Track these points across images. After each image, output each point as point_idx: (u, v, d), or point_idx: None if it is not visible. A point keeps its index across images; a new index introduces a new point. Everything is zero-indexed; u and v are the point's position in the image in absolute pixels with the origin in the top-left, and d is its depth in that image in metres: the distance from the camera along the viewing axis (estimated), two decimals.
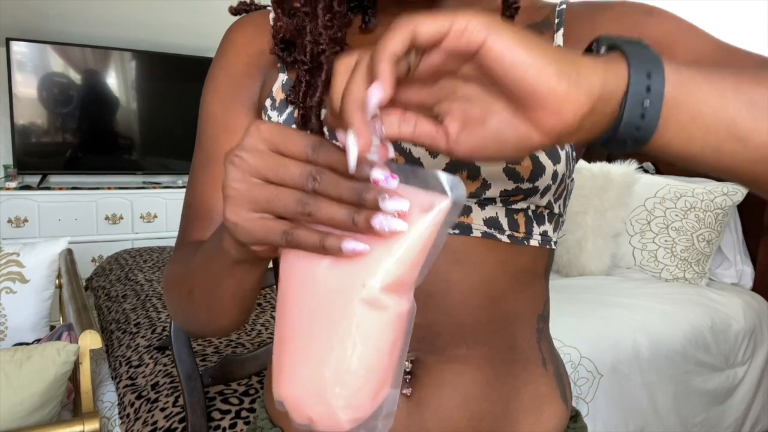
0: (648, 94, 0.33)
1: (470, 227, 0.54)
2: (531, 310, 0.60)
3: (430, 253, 0.36)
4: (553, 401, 0.60)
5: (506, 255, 0.55)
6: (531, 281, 0.59)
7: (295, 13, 0.57)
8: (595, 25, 0.56)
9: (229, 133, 0.63)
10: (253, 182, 0.36)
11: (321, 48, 0.56)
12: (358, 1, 0.63)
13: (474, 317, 0.55)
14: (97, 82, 3.52)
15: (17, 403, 1.19)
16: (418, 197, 0.35)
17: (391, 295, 0.35)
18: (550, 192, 0.56)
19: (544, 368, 0.60)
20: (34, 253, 1.91)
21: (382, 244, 0.35)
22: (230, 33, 0.65)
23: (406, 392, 0.54)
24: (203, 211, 0.62)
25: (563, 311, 1.74)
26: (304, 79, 0.56)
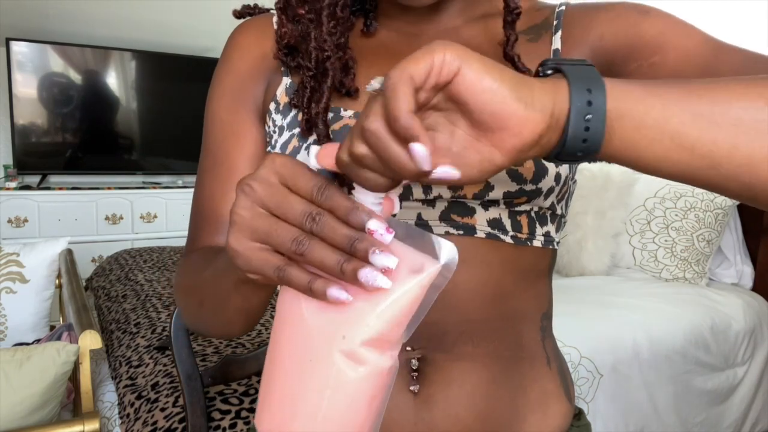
0: (590, 108, 0.35)
1: (474, 228, 0.55)
2: (536, 309, 0.60)
3: (416, 313, 0.36)
4: (558, 399, 0.61)
5: (510, 255, 0.56)
6: (535, 280, 0.59)
7: (300, 20, 0.58)
8: (591, 25, 0.57)
9: (235, 137, 0.63)
10: (258, 212, 0.37)
11: (326, 54, 0.56)
12: (360, 5, 0.63)
13: (480, 315, 0.56)
14: (97, 82, 3.52)
15: (17, 403, 1.19)
16: (410, 256, 0.36)
17: (371, 350, 0.35)
18: (553, 194, 0.56)
19: (548, 366, 0.61)
20: (34, 253, 1.92)
21: (368, 297, 0.35)
22: (234, 37, 0.66)
23: (413, 389, 0.55)
24: (211, 215, 0.63)
25: (563, 311, 1.74)
26: (308, 84, 0.57)
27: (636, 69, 0.53)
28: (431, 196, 0.54)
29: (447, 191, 0.54)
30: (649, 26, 0.54)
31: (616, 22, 0.56)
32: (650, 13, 0.55)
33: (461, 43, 0.60)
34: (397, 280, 0.35)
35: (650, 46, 0.53)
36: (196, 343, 1.53)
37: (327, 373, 0.36)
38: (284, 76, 0.62)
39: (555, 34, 0.59)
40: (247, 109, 0.63)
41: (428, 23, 0.61)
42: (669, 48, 0.52)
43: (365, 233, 0.35)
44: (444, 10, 0.61)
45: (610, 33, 0.56)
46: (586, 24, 0.58)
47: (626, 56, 0.54)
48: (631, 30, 0.54)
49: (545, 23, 0.60)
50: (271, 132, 0.62)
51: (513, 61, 0.56)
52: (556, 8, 0.61)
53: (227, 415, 1.22)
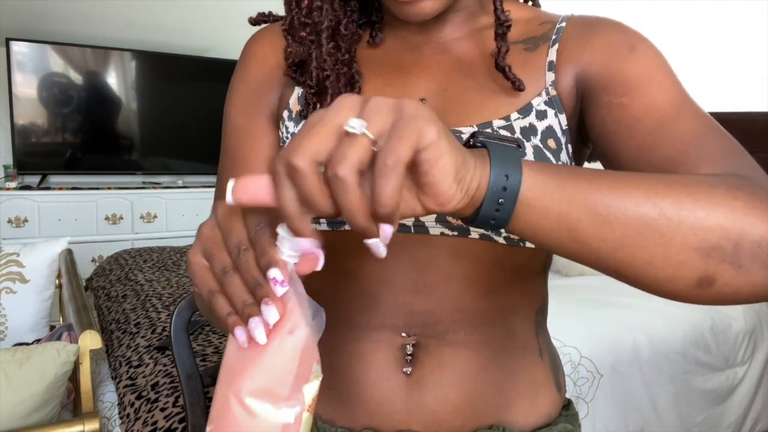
0: (504, 194, 0.39)
1: (468, 230, 0.57)
2: (529, 304, 0.63)
3: (298, 371, 0.37)
4: (548, 388, 0.63)
5: (503, 254, 0.58)
6: (529, 277, 0.62)
7: (302, 41, 0.62)
8: (584, 47, 0.59)
9: (251, 141, 0.67)
10: (215, 232, 0.39)
11: (325, 74, 0.60)
12: (367, 18, 0.67)
13: (473, 306, 0.58)
14: (97, 82, 3.52)
15: (17, 403, 1.19)
16: (294, 315, 0.37)
17: (261, 402, 0.36)
18: None
19: (540, 357, 0.64)
20: (34, 253, 1.92)
21: (257, 347, 0.36)
22: (249, 47, 0.69)
23: (406, 371, 0.58)
24: None
25: (563, 311, 1.74)
26: (311, 101, 0.61)
27: (606, 103, 0.55)
28: None
29: None
30: (631, 65, 0.55)
31: (606, 52, 0.57)
32: (637, 50, 0.56)
33: (472, 49, 0.63)
34: (277, 337, 0.36)
35: (624, 86, 0.55)
36: (196, 343, 1.53)
37: (230, 415, 0.36)
38: (296, 86, 0.65)
39: (552, 47, 0.61)
40: (263, 114, 0.67)
41: (431, 33, 0.65)
42: (638, 93, 0.54)
43: (267, 281, 0.37)
44: (446, 22, 0.64)
45: (598, 61, 0.58)
46: (580, 44, 0.59)
47: (604, 88, 0.56)
48: (614, 65, 0.56)
49: (544, 36, 0.63)
50: (284, 138, 0.65)
51: (504, 71, 0.59)
52: (557, 23, 0.63)
53: None
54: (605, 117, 0.55)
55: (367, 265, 0.59)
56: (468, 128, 0.58)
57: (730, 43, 2.49)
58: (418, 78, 0.63)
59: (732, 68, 2.50)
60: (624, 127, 0.53)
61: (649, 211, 0.40)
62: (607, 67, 0.56)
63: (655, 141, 0.51)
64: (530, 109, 0.59)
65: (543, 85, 0.60)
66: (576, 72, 0.59)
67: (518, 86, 0.58)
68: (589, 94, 0.58)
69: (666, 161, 0.50)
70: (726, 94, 2.52)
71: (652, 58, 0.56)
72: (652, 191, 0.40)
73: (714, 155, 0.48)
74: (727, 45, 2.50)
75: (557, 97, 0.59)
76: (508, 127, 0.58)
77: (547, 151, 0.58)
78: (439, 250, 0.57)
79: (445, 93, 0.61)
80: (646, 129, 0.52)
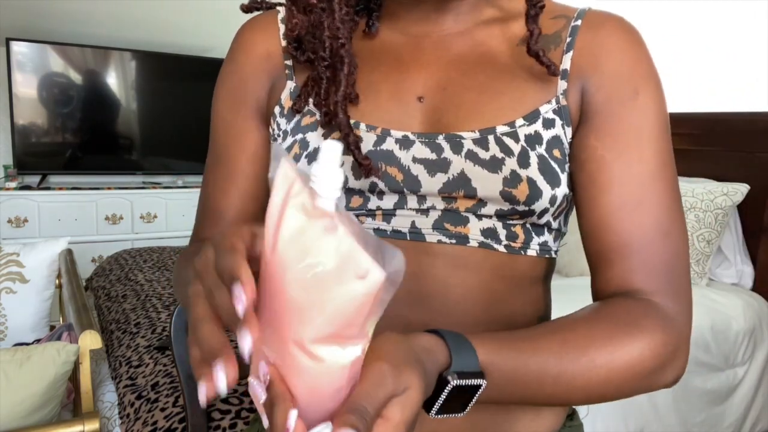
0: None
1: (467, 237, 0.55)
2: (531, 314, 0.60)
3: (371, 311, 0.35)
4: None
5: (503, 263, 0.56)
6: (530, 286, 0.59)
7: (312, 10, 0.57)
8: (597, 67, 0.57)
9: (236, 137, 0.65)
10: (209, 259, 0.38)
11: (340, 42, 0.56)
12: (364, 5, 0.63)
13: (473, 318, 0.55)
14: (97, 82, 3.51)
15: (17, 403, 1.19)
16: (363, 257, 0.34)
17: (327, 346, 0.35)
18: (548, 213, 0.56)
19: None
20: (34, 253, 1.91)
21: (314, 299, 0.34)
22: (238, 36, 0.66)
23: None
24: (212, 209, 0.66)
25: (564, 311, 1.73)
26: (324, 75, 0.57)
27: (591, 147, 0.56)
28: (425, 206, 0.55)
29: (441, 202, 0.55)
30: (627, 115, 0.56)
31: (613, 85, 0.56)
32: (639, 97, 0.56)
33: (476, 45, 0.61)
34: (343, 281, 0.34)
35: (612, 138, 0.56)
36: None
37: (292, 363, 0.35)
38: (288, 80, 0.62)
39: (566, 53, 0.58)
40: (250, 108, 0.64)
41: (433, 25, 0.61)
42: (619, 157, 0.55)
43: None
44: (450, 11, 0.60)
45: (604, 92, 0.56)
46: (593, 61, 0.57)
47: (597, 127, 0.56)
48: (615, 106, 0.56)
49: (556, 37, 0.59)
50: (275, 135, 0.62)
51: (537, 55, 0.55)
52: (572, 21, 0.59)
53: (227, 415, 1.22)
54: (585, 162, 0.57)
55: None
56: (469, 133, 0.55)
57: (730, 43, 2.49)
58: (417, 75, 0.59)
59: (731, 68, 2.50)
60: (595, 188, 0.56)
61: (589, 390, 0.51)
62: (607, 105, 0.56)
63: (610, 224, 0.55)
64: (537, 116, 0.56)
65: (554, 92, 0.57)
66: (584, 88, 0.57)
67: (553, 71, 0.55)
68: (583, 121, 0.57)
69: (610, 249, 0.55)
70: (725, 94, 2.52)
71: (649, 113, 0.56)
72: (594, 375, 0.50)
73: (652, 270, 0.54)
74: (727, 45, 2.50)
75: (567, 108, 0.57)
76: (512, 134, 0.55)
77: (552, 161, 0.56)
78: (436, 259, 0.55)
79: (444, 92, 0.58)
80: (610, 205, 0.55)
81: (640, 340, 0.50)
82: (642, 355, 0.50)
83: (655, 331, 0.51)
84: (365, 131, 0.57)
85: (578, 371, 0.49)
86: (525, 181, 0.53)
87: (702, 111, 2.46)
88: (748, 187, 2.22)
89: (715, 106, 2.49)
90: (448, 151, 0.55)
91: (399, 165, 0.55)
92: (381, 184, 0.55)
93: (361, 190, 0.56)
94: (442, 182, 0.54)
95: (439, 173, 0.54)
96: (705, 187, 2.26)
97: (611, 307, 0.53)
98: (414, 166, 0.55)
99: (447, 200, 0.55)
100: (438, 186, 0.54)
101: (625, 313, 0.52)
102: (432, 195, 0.55)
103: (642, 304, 0.53)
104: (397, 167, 0.55)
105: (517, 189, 0.53)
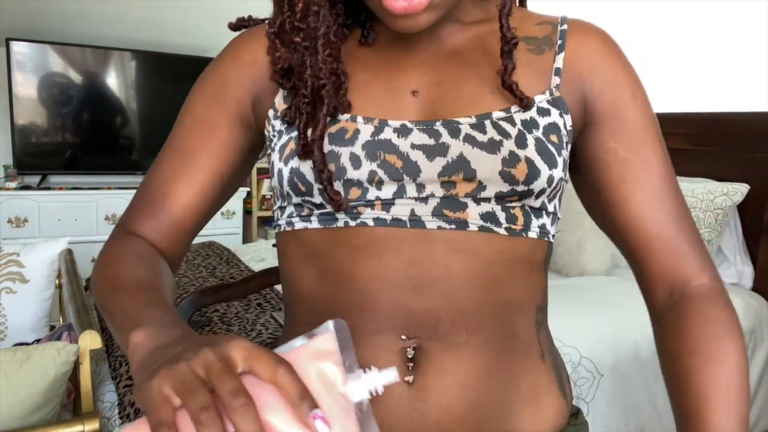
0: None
1: (466, 222, 0.56)
2: (530, 300, 0.61)
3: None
4: (551, 394, 0.61)
5: (503, 245, 0.57)
6: (530, 271, 0.60)
7: (295, 47, 0.59)
8: (595, 72, 0.62)
9: (203, 130, 0.65)
10: (199, 371, 0.37)
11: (321, 83, 0.57)
12: (354, 18, 0.64)
13: (474, 303, 0.56)
14: (97, 82, 3.51)
15: (17, 403, 1.18)
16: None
17: None
18: (544, 194, 0.58)
19: (542, 360, 0.62)
20: (34, 253, 1.91)
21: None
22: (226, 47, 0.68)
23: (408, 380, 0.56)
24: (157, 197, 0.64)
25: (563, 311, 1.74)
26: (305, 111, 0.58)
27: (612, 150, 0.62)
28: (424, 194, 0.56)
29: (440, 189, 0.56)
30: (634, 116, 0.62)
31: (613, 89, 0.62)
32: (637, 98, 0.62)
33: (468, 42, 0.63)
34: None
35: (629, 140, 0.62)
36: None
37: None
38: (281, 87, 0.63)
39: (559, 54, 0.62)
40: (226, 108, 0.64)
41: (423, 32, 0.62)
42: (640, 154, 0.62)
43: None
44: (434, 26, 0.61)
45: (608, 97, 0.62)
46: (589, 66, 0.62)
47: (610, 131, 0.62)
48: (620, 109, 0.62)
49: (547, 39, 0.63)
50: (270, 136, 0.63)
51: (511, 89, 0.58)
52: (558, 26, 0.63)
53: None
54: (610, 163, 0.62)
55: (362, 263, 0.56)
56: (466, 119, 0.57)
57: (730, 43, 2.49)
58: (410, 71, 0.61)
59: (731, 68, 2.50)
60: (626, 186, 0.61)
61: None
62: (613, 107, 0.61)
63: (650, 215, 0.61)
64: (531, 104, 0.59)
65: (547, 86, 0.60)
66: (585, 92, 0.62)
67: (526, 103, 0.58)
68: (594, 124, 0.62)
69: (656, 237, 0.61)
70: (725, 94, 2.52)
71: (647, 113, 0.63)
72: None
73: (689, 250, 0.62)
74: (727, 45, 2.50)
75: (562, 99, 0.60)
76: (508, 118, 0.57)
77: (549, 145, 0.58)
78: (436, 245, 0.56)
79: (439, 86, 0.60)
80: (645, 199, 0.61)
81: (731, 359, 0.58)
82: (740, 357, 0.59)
83: (734, 334, 0.59)
84: (362, 123, 0.58)
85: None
86: (523, 160, 0.56)
87: (702, 111, 2.46)
88: (748, 187, 2.22)
89: (715, 106, 2.49)
90: (446, 136, 0.56)
91: (398, 152, 0.56)
92: (380, 173, 0.56)
93: (359, 181, 0.56)
94: (441, 165, 0.55)
95: (438, 157, 0.56)
96: (705, 187, 2.26)
97: (697, 344, 0.59)
98: (413, 153, 0.56)
99: (446, 186, 0.56)
100: (437, 170, 0.55)
101: (706, 342, 0.59)
102: (431, 182, 0.56)
103: (707, 319, 0.59)
104: (396, 155, 0.56)
105: (516, 168, 0.55)
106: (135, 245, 0.61)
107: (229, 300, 1.77)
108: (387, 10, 0.53)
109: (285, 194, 0.60)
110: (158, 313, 0.48)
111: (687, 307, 0.60)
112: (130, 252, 0.59)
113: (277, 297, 1.89)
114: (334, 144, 0.57)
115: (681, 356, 0.59)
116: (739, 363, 0.57)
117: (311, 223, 0.59)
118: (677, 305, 0.61)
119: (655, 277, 0.62)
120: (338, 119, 0.58)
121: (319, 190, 0.57)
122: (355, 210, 0.57)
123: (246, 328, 1.65)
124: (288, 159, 0.58)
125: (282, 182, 0.59)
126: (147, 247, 0.61)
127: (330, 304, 0.58)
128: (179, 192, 0.64)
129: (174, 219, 0.64)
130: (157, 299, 0.51)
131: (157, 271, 0.58)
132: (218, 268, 2.26)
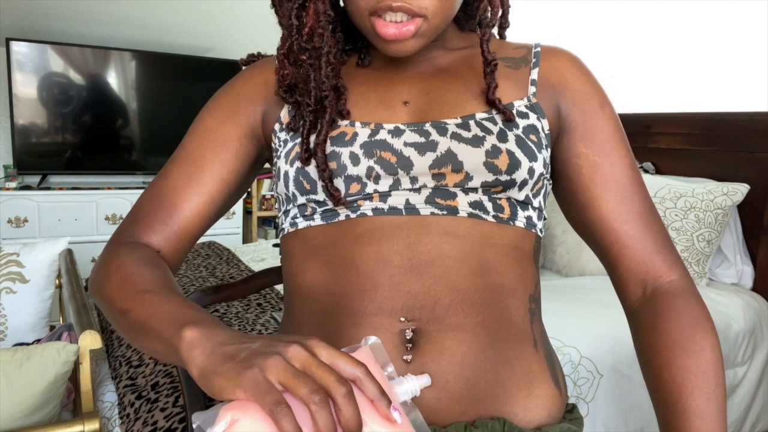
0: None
1: (456, 209, 0.62)
2: (522, 287, 0.65)
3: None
4: (544, 382, 0.64)
5: (492, 231, 0.63)
6: (520, 259, 0.65)
7: (301, 65, 0.66)
8: (567, 85, 0.69)
9: (214, 142, 0.70)
10: (313, 358, 0.42)
11: (324, 94, 0.65)
12: (352, 45, 0.74)
13: (467, 282, 0.61)
14: (97, 82, 3.51)
15: (17, 403, 1.19)
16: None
17: None
18: (527, 186, 0.64)
19: (534, 348, 0.65)
20: (34, 253, 1.91)
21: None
22: (241, 71, 0.76)
23: (406, 359, 0.59)
24: (166, 203, 0.68)
25: (563, 311, 1.74)
26: (308, 119, 0.65)
27: (584, 155, 0.68)
28: (417, 185, 0.63)
29: (431, 181, 0.63)
30: (602, 124, 0.68)
31: (583, 100, 0.69)
32: (605, 110, 0.69)
33: (454, 60, 0.72)
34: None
35: (598, 145, 0.68)
36: None
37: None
38: (286, 103, 0.70)
39: (533, 69, 0.70)
40: (238, 122, 0.71)
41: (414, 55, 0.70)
42: (607, 158, 0.67)
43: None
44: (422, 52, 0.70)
45: (578, 107, 0.69)
46: (561, 80, 0.69)
47: (581, 136, 0.68)
48: (590, 118, 0.68)
49: (523, 59, 0.72)
50: (277, 146, 0.70)
51: (494, 104, 0.66)
52: (533, 49, 0.72)
53: None
54: (582, 167, 0.68)
55: (363, 249, 0.62)
56: (452, 120, 0.65)
57: (730, 43, 2.49)
58: (402, 85, 0.69)
59: (731, 68, 2.50)
60: (596, 187, 0.67)
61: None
62: (584, 116, 0.69)
63: (619, 215, 0.67)
64: (511, 108, 0.67)
65: (525, 93, 0.69)
66: (558, 103, 0.69)
67: (508, 117, 0.65)
68: (567, 131, 0.69)
69: (626, 236, 0.66)
70: (725, 94, 2.52)
71: (614, 122, 0.69)
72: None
73: (660, 249, 0.66)
74: (727, 45, 2.50)
75: (539, 105, 0.68)
76: (490, 119, 0.65)
77: (529, 142, 0.65)
78: (430, 229, 0.62)
79: (428, 96, 0.68)
80: (613, 200, 0.67)
81: (706, 349, 0.61)
82: (714, 351, 0.61)
83: (708, 332, 0.62)
84: (360, 127, 0.66)
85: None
86: (505, 152, 0.63)
87: (702, 111, 2.46)
88: (748, 187, 2.22)
89: (715, 106, 2.49)
90: (435, 134, 0.64)
91: (392, 150, 0.63)
92: (377, 168, 0.63)
93: (358, 176, 0.63)
94: (432, 159, 0.63)
95: (428, 152, 0.63)
96: (705, 187, 2.26)
97: (668, 339, 0.62)
98: (406, 149, 0.63)
99: (436, 177, 0.63)
100: (428, 163, 0.63)
101: (680, 335, 0.62)
102: (423, 174, 0.63)
103: (679, 313, 0.63)
104: (390, 152, 0.63)
105: (499, 159, 0.62)
106: (144, 252, 0.64)
107: (230, 300, 1.77)
108: (380, 35, 0.62)
109: (290, 196, 0.66)
110: (199, 313, 0.52)
111: (660, 303, 0.64)
112: (142, 258, 0.62)
113: (277, 297, 1.89)
114: (335, 145, 0.64)
115: (658, 350, 0.62)
116: (714, 353, 0.60)
117: (314, 221, 0.65)
118: (650, 301, 0.65)
119: (627, 275, 0.67)
120: (338, 124, 0.66)
121: (322, 187, 0.63)
122: (355, 203, 0.63)
123: (246, 328, 1.65)
124: (293, 161, 0.66)
125: (288, 183, 0.66)
126: (153, 253, 0.65)
127: (330, 291, 0.62)
128: (190, 199, 0.68)
129: (183, 225, 0.68)
130: (190, 302, 0.55)
131: (172, 277, 0.62)
132: (218, 268, 2.26)
